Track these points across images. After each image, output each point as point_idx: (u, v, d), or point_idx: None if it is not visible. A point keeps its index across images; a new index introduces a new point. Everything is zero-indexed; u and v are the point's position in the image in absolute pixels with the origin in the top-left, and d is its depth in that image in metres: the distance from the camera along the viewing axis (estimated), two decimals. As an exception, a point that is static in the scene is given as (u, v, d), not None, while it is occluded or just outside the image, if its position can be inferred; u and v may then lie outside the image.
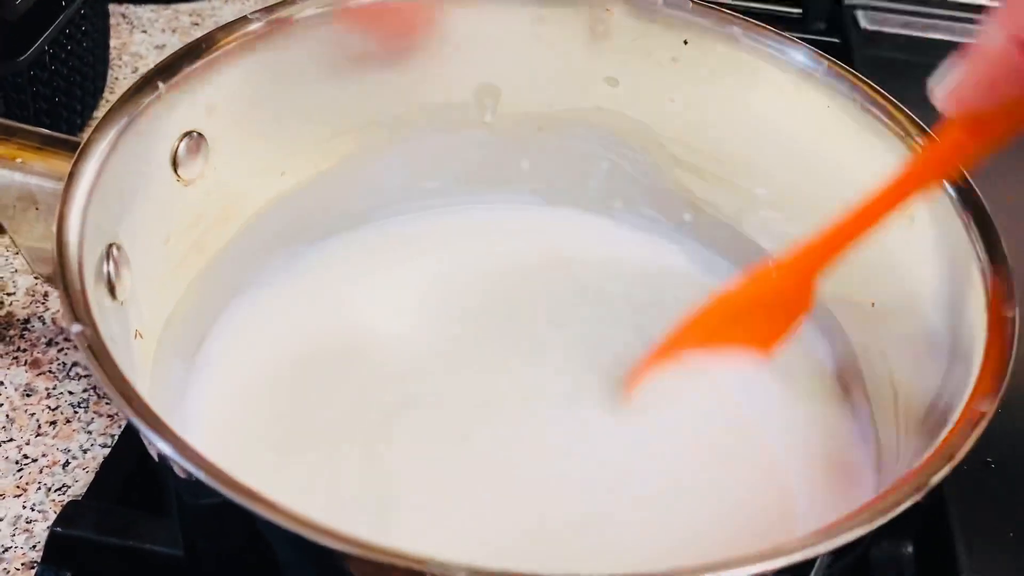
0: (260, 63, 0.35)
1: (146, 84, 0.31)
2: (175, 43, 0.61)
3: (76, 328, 0.23)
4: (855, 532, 0.22)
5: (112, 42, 0.57)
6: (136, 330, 0.30)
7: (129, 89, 0.31)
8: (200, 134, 0.33)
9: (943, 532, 0.35)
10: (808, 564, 0.24)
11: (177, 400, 0.35)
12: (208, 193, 0.35)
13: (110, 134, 0.29)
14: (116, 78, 0.58)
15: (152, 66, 0.57)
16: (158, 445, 0.22)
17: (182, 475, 0.24)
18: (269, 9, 0.35)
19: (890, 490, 0.23)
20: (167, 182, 0.33)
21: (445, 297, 0.41)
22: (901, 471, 0.28)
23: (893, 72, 0.57)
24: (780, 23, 0.38)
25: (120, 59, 0.59)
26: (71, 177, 0.27)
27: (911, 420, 0.31)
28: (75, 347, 0.43)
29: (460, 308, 0.40)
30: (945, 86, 0.28)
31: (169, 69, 0.32)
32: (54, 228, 0.26)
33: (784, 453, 0.35)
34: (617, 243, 0.43)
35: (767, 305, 0.35)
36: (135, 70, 0.59)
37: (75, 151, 0.29)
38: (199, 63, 0.32)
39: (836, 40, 0.59)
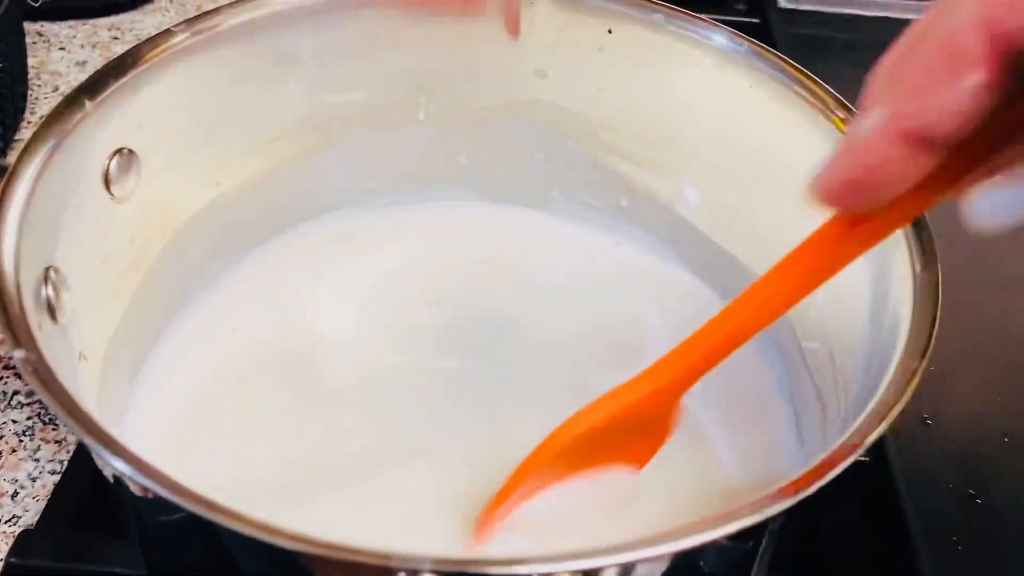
0: (188, 75, 0.34)
1: (72, 102, 0.31)
2: (96, 59, 0.60)
3: (19, 354, 0.23)
4: (804, 492, 0.23)
5: (30, 61, 0.56)
6: (80, 352, 0.30)
7: (55, 108, 0.30)
8: (131, 150, 0.33)
9: (888, 490, 0.36)
10: (758, 530, 0.25)
11: (120, 418, 0.34)
12: (143, 209, 0.34)
13: (38, 156, 0.29)
14: (36, 98, 0.56)
15: (74, 82, 0.57)
16: (115, 466, 0.22)
17: (139, 493, 0.24)
18: (192, 21, 0.35)
19: (835, 450, 0.24)
20: (100, 201, 0.32)
21: (387, 297, 0.41)
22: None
23: (814, 49, 0.58)
24: (699, 6, 0.38)
25: (39, 78, 0.58)
26: (1, 202, 0.27)
27: (848, 380, 0.32)
28: (15, 375, 0.43)
29: (402, 307, 0.41)
30: (818, 179, 0.22)
31: (95, 86, 0.31)
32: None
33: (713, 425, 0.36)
34: (555, 236, 0.43)
35: (627, 429, 0.30)
36: (55, 88, 0.57)
37: (2, 175, 0.29)
38: (125, 78, 0.32)
39: (756, 20, 0.60)
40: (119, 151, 0.33)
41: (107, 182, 0.32)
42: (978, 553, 0.35)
